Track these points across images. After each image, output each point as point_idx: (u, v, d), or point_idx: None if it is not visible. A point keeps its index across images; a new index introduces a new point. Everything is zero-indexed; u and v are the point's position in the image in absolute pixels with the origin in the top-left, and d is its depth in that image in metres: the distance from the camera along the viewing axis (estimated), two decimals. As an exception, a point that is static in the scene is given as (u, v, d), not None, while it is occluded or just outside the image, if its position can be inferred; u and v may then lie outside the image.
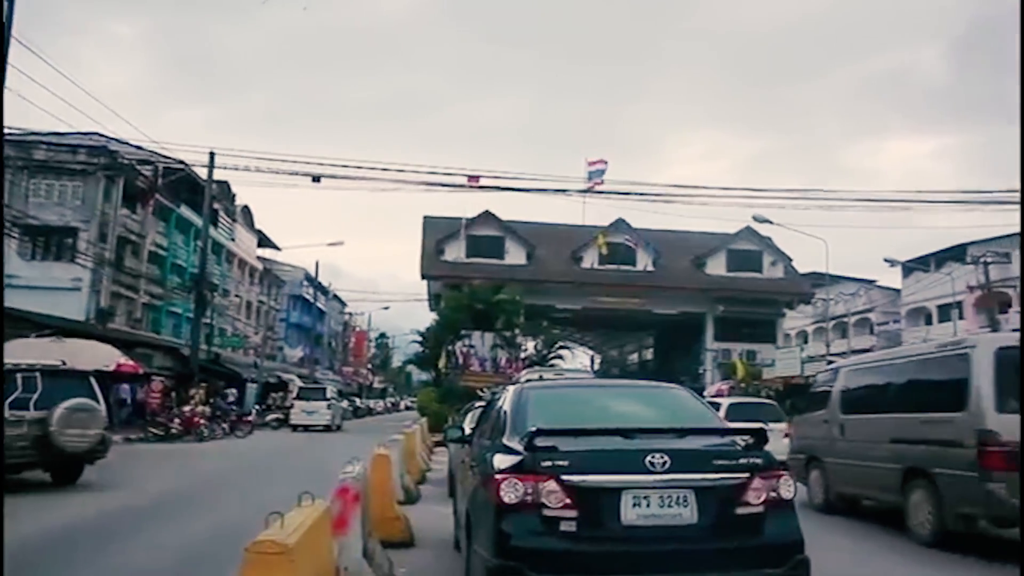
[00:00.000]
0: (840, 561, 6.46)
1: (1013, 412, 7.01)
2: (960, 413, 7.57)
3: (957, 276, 41.77)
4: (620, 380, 13.21)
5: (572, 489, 3.91)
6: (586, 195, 26.98)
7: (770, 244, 37.81)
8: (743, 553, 4.02)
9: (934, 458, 7.79)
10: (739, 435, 4.56)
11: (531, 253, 37.42)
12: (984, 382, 7.44)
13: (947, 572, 6.77)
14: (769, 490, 4.11)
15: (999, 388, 7.30)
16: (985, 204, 20.67)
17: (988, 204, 21.42)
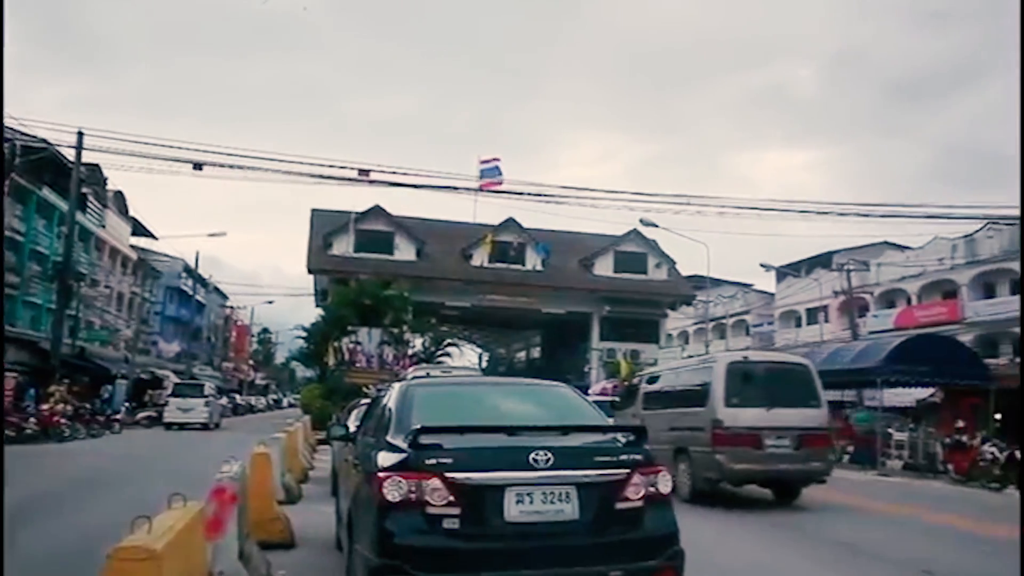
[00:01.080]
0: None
1: (734, 407, 10.82)
2: (704, 408, 11.06)
3: (824, 282, 44.60)
4: (507, 378, 13.31)
5: (456, 486, 3.92)
6: (478, 193, 27.07)
7: (655, 247, 39.11)
8: (622, 546, 4.14)
9: (690, 439, 11.14)
10: (620, 432, 4.74)
11: (421, 250, 37.19)
12: (718, 386, 10.96)
13: (699, 516, 9.18)
14: (648, 485, 4.26)
15: (727, 390, 10.92)
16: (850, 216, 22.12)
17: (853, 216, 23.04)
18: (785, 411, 10.85)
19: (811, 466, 10.89)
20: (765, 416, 10.71)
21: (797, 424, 10.89)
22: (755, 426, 10.61)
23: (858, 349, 23.20)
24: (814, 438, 10.95)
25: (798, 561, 7.36)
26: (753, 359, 12.61)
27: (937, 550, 8.02)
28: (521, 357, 53.51)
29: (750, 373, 11.34)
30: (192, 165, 19.40)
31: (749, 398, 10.90)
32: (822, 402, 11.42)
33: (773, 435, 10.69)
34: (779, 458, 10.71)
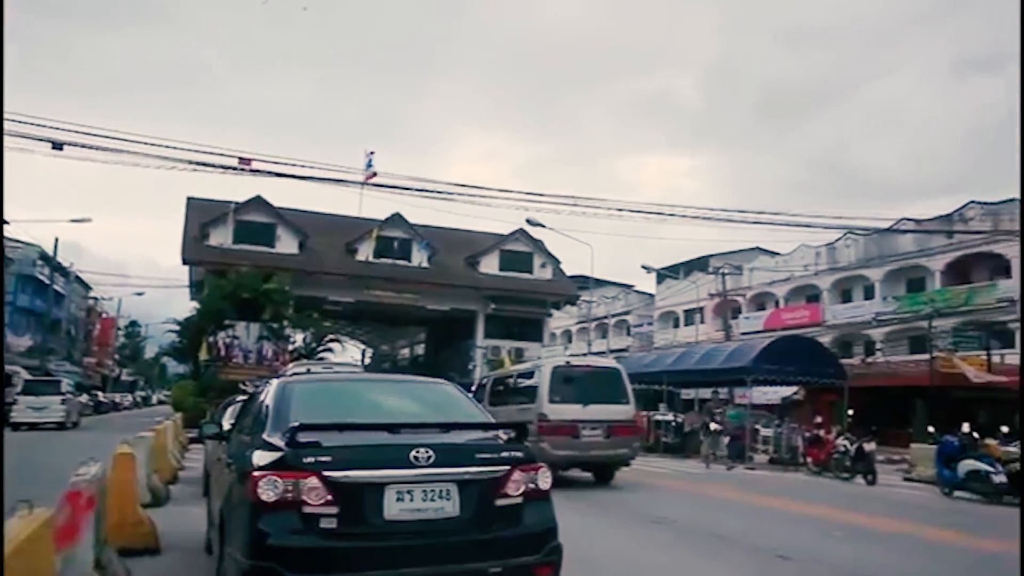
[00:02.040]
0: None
1: (556, 403, 12.98)
2: (534, 403, 13.17)
3: (701, 284, 46.62)
4: (389, 375, 13.33)
5: (334, 485, 3.84)
6: (363, 187, 26.57)
7: (541, 247, 39.68)
8: (502, 543, 4.17)
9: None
10: (502, 430, 4.78)
11: (304, 243, 36.18)
12: (544, 386, 13.23)
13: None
14: (528, 482, 4.31)
15: (551, 389, 13.14)
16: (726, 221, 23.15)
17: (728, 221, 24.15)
18: (598, 407, 13.24)
19: (619, 452, 13.44)
20: (582, 411, 13.03)
21: (608, 417, 13.23)
22: (573, 419, 12.87)
23: (730, 349, 24.37)
24: (621, 429, 13.42)
25: (661, 551, 7.68)
26: (574, 364, 14.98)
27: (793, 536, 8.57)
28: (405, 354, 53.07)
29: (571, 375, 13.71)
30: (51, 144, 17.92)
31: (569, 396, 13.18)
32: (630, 399, 13.88)
33: (588, 426, 13.00)
34: (593, 445, 12.98)
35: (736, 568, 6.93)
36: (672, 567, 6.97)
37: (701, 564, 7.10)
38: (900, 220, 34.45)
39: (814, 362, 21.98)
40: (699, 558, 7.35)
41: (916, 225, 34.83)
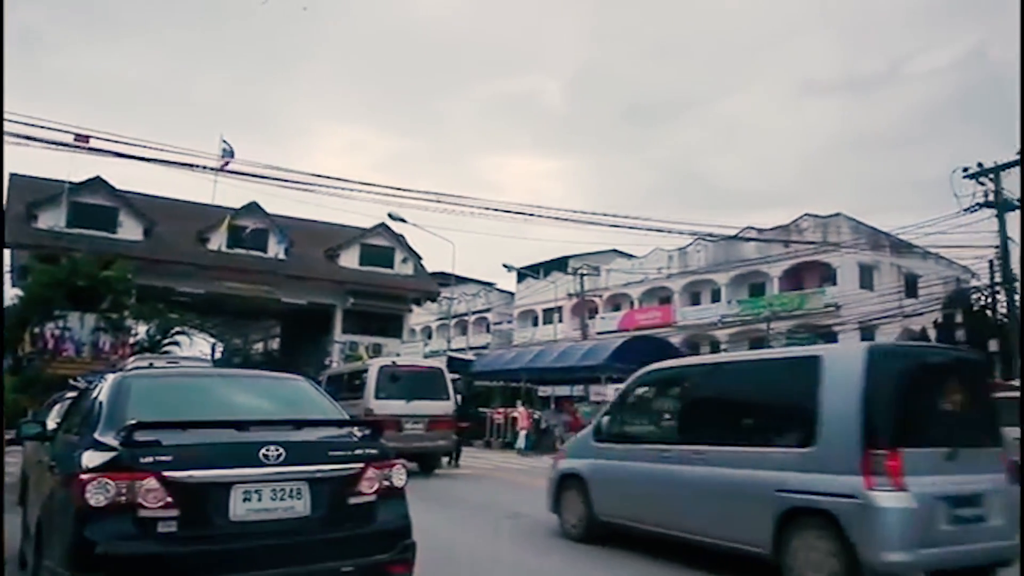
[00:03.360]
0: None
1: (382, 399, 14.11)
2: (362, 399, 14.10)
3: (560, 284, 47.73)
4: (240, 370, 12.81)
5: (175, 486, 3.61)
6: (219, 174, 25.27)
7: (403, 242, 39.26)
8: (355, 541, 4.09)
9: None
10: (356, 426, 4.69)
11: (150, 229, 33.92)
12: (371, 383, 14.37)
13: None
14: (382, 479, 4.25)
15: (377, 387, 14.35)
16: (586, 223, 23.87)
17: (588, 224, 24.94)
18: (421, 403, 14.48)
19: (438, 444, 14.86)
20: (405, 406, 14.23)
21: (428, 412, 14.51)
22: (397, 413, 13.86)
23: (586, 348, 25.21)
24: (441, 423, 14.76)
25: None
26: (399, 363, 16.18)
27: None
28: (259, 348, 51.03)
29: (396, 374, 14.85)
30: None
31: (394, 393, 14.37)
32: (450, 396, 15.34)
33: (411, 420, 14.18)
34: (415, 437, 14.07)
35: (483, 525, 8.64)
36: (433, 528, 6.86)
37: (452, 526, 8.38)
38: (745, 228, 36.86)
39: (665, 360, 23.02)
40: (451, 522, 8.64)
41: (758, 234, 37.36)
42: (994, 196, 22.72)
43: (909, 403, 5.56)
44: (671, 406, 7.41)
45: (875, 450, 5.16)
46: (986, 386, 6.65)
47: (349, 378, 16.33)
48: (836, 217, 37.19)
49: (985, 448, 5.72)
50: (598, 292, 47.94)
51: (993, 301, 27.03)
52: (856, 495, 5.10)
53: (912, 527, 5.07)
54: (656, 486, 6.77)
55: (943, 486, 5.25)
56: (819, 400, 5.58)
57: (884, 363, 5.60)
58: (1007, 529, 5.43)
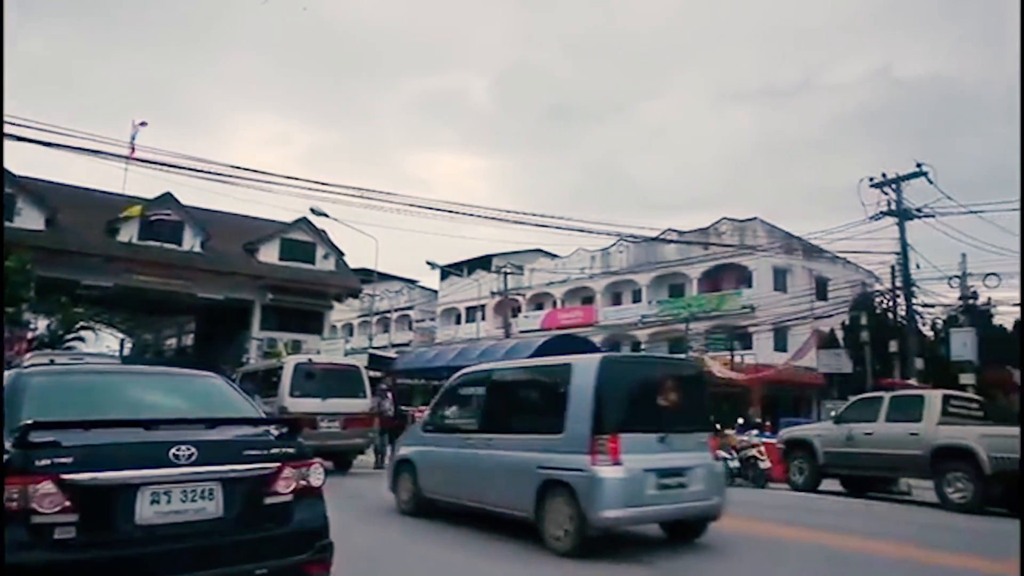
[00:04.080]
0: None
1: (296, 397, 14.04)
2: (276, 397, 14.08)
3: (483, 282, 47.76)
4: (150, 366, 12.30)
5: (75, 489, 3.42)
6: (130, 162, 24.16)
7: (325, 237, 38.52)
8: (271, 542, 3.98)
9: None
10: (273, 425, 4.56)
11: (52, 218, 32.21)
12: (286, 381, 14.28)
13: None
14: (299, 478, 4.16)
15: (292, 384, 14.23)
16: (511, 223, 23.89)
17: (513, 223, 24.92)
18: (337, 400, 14.46)
19: (354, 441, 14.87)
20: (320, 404, 14.18)
21: (344, 411, 14.46)
22: (312, 411, 13.81)
23: (508, 346, 25.21)
24: (357, 421, 14.72)
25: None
26: (316, 361, 16.22)
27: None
28: (172, 344, 49.22)
29: (312, 372, 14.76)
30: None
31: (310, 391, 14.30)
32: (367, 394, 15.23)
33: (326, 419, 14.14)
34: (330, 435, 14.01)
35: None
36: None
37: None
38: (666, 230, 37.67)
39: (585, 360, 23.31)
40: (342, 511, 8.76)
41: (678, 236, 38.26)
42: (896, 205, 23.95)
43: (630, 400, 7.17)
44: (474, 402, 8.72)
45: (600, 435, 6.68)
46: (697, 386, 8.02)
47: (264, 375, 16.10)
48: (753, 221, 38.45)
49: (693, 434, 7.40)
50: (521, 291, 48.19)
51: (894, 304, 28.43)
52: (584, 469, 6.64)
53: (623, 492, 6.61)
54: (461, 467, 8.19)
55: (653, 462, 6.85)
56: (568, 398, 7.07)
57: (612, 369, 7.14)
58: (707, 493, 7.24)
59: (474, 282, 48.48)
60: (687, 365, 8.27)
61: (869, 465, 13.50)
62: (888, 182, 23.97)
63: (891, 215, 24.07)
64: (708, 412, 8.00)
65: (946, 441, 12.07)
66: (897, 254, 24.91)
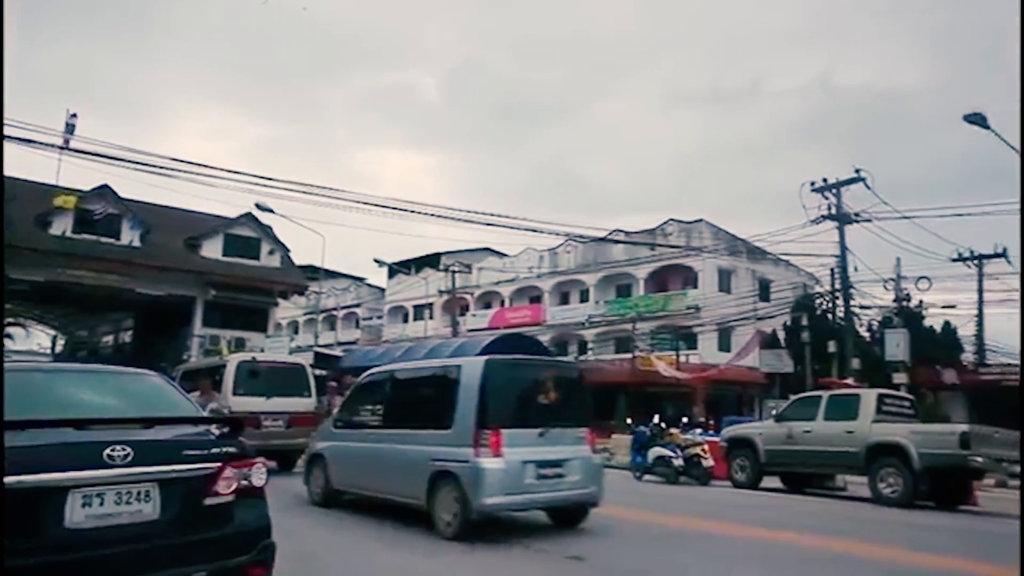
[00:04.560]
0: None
1: (240, 395, 13.68)
2: (219, 395, 13.20)
3: (432, 280, 47.52)
4: (85, 364, 11.97)
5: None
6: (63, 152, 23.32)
7: (270, 233, 37.86)
8: (210, 544, 3.88)
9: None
10: (214, 424, 4.45)
11: (-20, 209, 30.95)
12: (229, 379, 13.93)
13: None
14: (240, 478, 4.06)
15: (235, 383, 13.91)
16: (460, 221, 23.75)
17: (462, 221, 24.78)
18: (281, 399, 14.27)
19: (298, 441, 14.04)
20: (264, 403, 13.95)
21: (289, 409, 14.25)
22: (256, 410, 13.58)
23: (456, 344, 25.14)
24: (302, 420, 14.26)
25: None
26: (260, 359, 15.90)
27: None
28: (108, 341, 47.73)
29: (256, 370, 14.48)
30: None
31: (253, 390, 14.02)
32: (312, 393, 15.02)
33: (270, 418, 13.91)
34: (274, 435, 13.77)
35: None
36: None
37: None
38: (613, 231, 38.06)
39: (533, 358, 23.42)
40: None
41: (626, 236, 38.69)
42: (836, 209, 24.65)
43: (512, 398, 7.82)
44: (378, 400, 9.16)
45: (483, 430, 7.28)
46: (578, 386, 8.63)
47: (206, 374, 15.66)
48: (699, 223, 39.11)
49: (572, 429, 8.03)
50: (469, 290, 48.12)
51: (833, 306, 29.24)
52: (469, 461, 7.24)
53: (503, 481, 7.22)
54: (366, 460, 8.71)
55: (533, 454, 7.49)
56: (457, 396, 7.65)
57: (497, 370, 7.71)
58: (584, 482, 7.88)
59: (422, 280, 48.21)
60: (569, 367, 8.83)
61: (808, 462, 13.86)
62: (828, 187, 24.64)
63: (831, 219, 24.75)
64: (587, 409, 8.67)
65: (880, 438, 12.48)
66: (836, 257, 25.62)
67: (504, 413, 7.53)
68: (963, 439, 11.71)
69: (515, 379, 8.04)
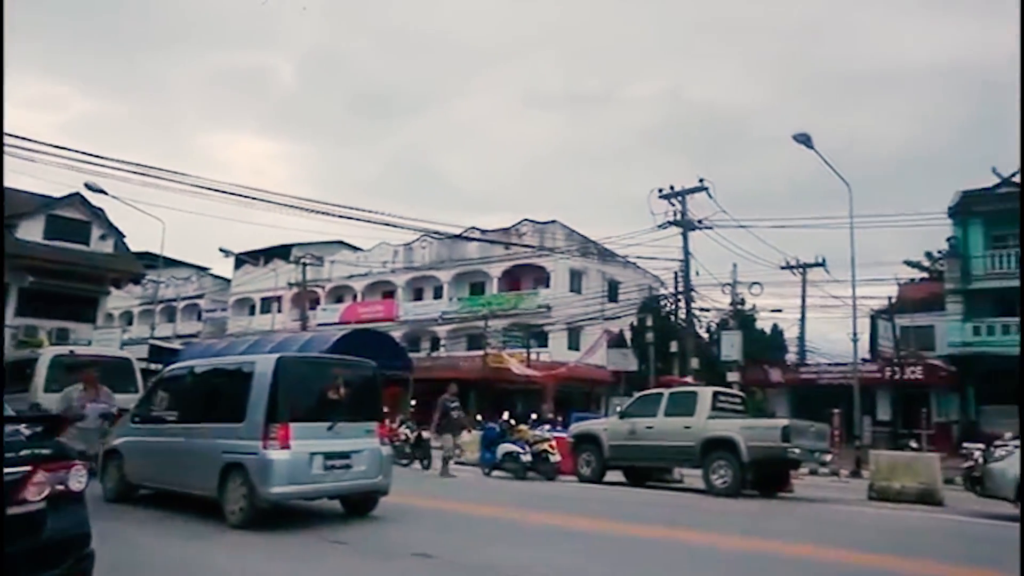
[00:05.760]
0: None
1: (53, 392, 12.34)
2: (28, 392, 12.95)
3: (281, 272, 45.84)
4: None
5: None
6: None
7: (102, 216, 35.05)
8: (16, 557, 3.49)
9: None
10: (24, 423, 4.03)
11: None
12: (41, 375, 13.35)
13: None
14: (55, 483, 3.69)
15: (47, 378, 13.22)
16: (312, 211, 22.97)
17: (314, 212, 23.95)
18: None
19: None
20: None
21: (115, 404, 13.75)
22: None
23: (305, 339, 24.37)
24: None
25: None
26: (79, 352, 15.25)
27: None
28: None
29: (74, 364, 13.40)
30: None
31: (69, 385, 13.06)
32: (139, 388, 14.09)
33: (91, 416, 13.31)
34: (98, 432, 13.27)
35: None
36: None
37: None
38: (469, 228, 38.25)
39: (385, 354, 23.08)
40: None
41: (481, 235, 38.99)
42: (681, 216, 26.03)
43: (303, 394, 8.17)
44: (176, 395, 9.37)
45: (272, 424, 7.60)
46: (370, 383, 9.03)
47: (14, 368, 14.46)
48: (553, 224, 40.07)
49: (362, 423, 8.45)
50: (321, 283, 46.88)
51: (676, 308, 30.88)
52: (257, 452, 7.54)
53: (289, 471, 7.56)
54: (163, 454, 8.82)
55: (321, 447, 7.86)
56: (249, 391, 7.89)
57: (288, 368, 8.09)
58: (372, 472, 8.31)
59: (271, 272, 46.42)
60: (361, 365, 9.12)
61: (649, 456, 14.50)
62: (674, 194, 25.98)
63: (676, 225, 26.11)
64: (378, 405, 9.20)
65: (713, 433, 13.26)
66: (681, 261, 27.05)
67: (294, 408, 7.85)
68: (784, 433, 12.68)
69: (306, 376, 8.47)
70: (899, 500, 12.66)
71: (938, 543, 8.40)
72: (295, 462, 7.59)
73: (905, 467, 13.51)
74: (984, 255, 28.41)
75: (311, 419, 7.99)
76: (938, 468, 13.40)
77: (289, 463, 7.55)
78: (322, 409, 8.21)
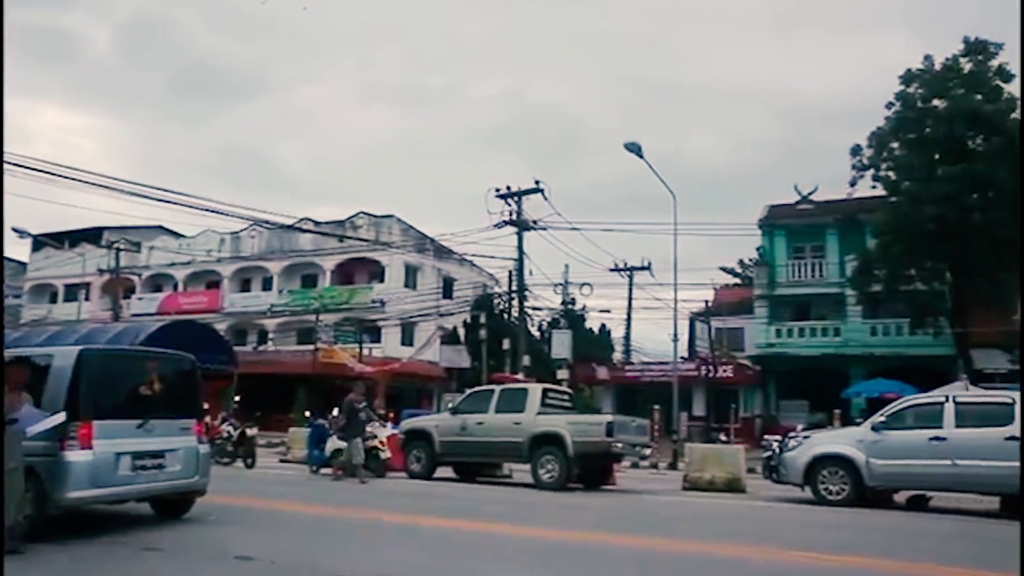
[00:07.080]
0: None
1: None
2: None
3: (90, 257, 42.10)
4: None
5: None
6: None
7: None
8: None
9: None
10: None
11: None
12: None
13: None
14: None
15: None
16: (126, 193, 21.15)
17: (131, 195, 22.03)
18: None
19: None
20: None
21: None
22: None
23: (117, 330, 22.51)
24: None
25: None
26: None
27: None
28: None
29: None
30: None
31: None
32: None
33: None
34: None
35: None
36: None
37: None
38: (302, 219, 36.90)
39: (207, 348, 21.75)
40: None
41: (315, 226, 37.78)
42: (516, 216, 26.54)
43: (109, 390, 7.56)
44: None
45: (72, 422, 6.95)
46: (188, 377, 8.56)
47: None
48: (389, 218, 39.55)
49: (177, 420, 8.02)
50: (137, 270, 43.57)
51: (509, 306, 31.48)
52: (53, 454, 6.87)
53: (90, 474, 6.98)
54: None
55: (130, 446, 7.39)
56: (46, 387, 7.20)
57: (92, 362, 7.48)
58: (187, 472, 7.92)
59: (78, 256, 42.50)
60: (178, 359, 8.62)
61: (480, 452, 14.63)
62: (511, 194, 26.42)
63: (512, 225, 26.56)
64: (197, 401, 8.65)
65: (542, 429, 13.59)
66: (515, 260, 27.57)
67: (99, 405, 7.29)
68: (608, 428, 13.23)
69: (113, 371, 7.89)
70: (709, 489, 13.56)
71: (739, 529, 9.04)
72: (98, 464, 7.06)
73: (715, 459, 14.49)
74: (787, 264, 31.34)
75: (120, 416, 7.48)
76: (743, 459, 14.50)
77: (90, 465, 7.00)
78: (133, 406, 7.69)
